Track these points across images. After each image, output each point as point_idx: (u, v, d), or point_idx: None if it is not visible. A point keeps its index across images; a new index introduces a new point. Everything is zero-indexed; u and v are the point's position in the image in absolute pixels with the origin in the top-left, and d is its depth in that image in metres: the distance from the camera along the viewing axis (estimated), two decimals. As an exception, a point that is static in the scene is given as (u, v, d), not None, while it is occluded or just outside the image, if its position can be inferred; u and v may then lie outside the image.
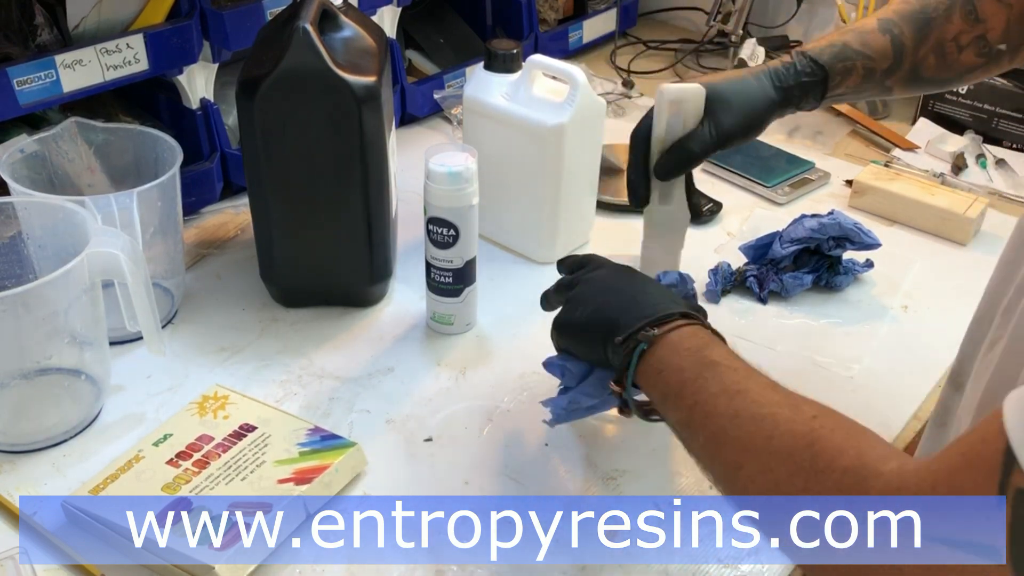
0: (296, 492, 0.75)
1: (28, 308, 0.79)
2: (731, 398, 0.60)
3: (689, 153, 0.82)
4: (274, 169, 0.93)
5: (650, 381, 0.67)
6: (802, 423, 0.55)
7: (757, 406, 0.58)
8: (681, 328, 0.67)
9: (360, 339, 0.98)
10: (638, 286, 0.74)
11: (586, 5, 1.65)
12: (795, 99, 0.86)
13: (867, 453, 0.51)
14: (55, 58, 0.98)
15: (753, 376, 0.62)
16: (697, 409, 0.62)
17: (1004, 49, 0.85)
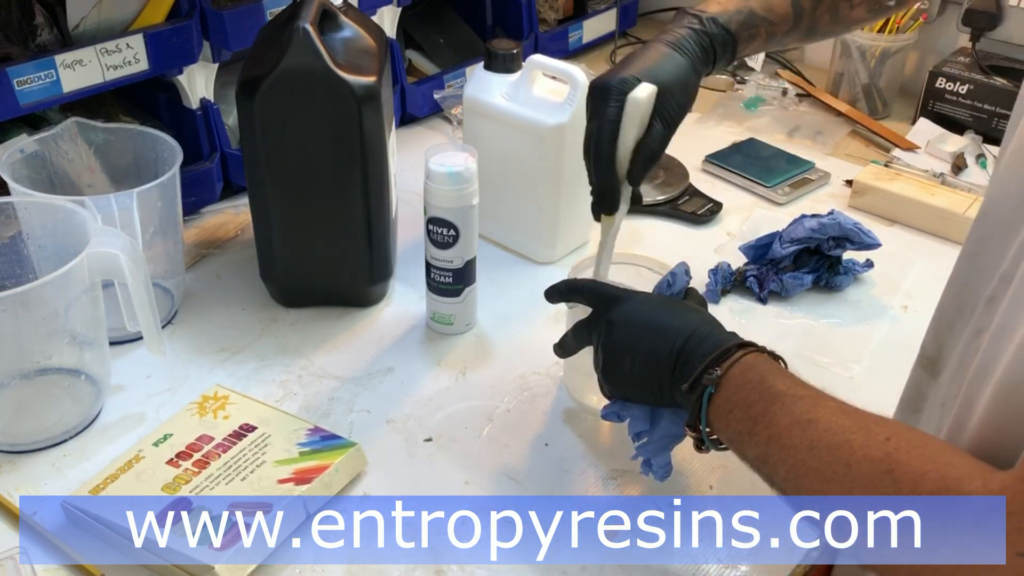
0: (296, 492, 0.75)
1: (28, 308, 0.79)
2: (804, 429, 0.60)
3: (655, 153, 0.82)
4: (274, 169, 0.93)
5: (721, 422, 0.66)
6: (877, 447, 0.55)
7: (831, 434, 0.58)
8: (741, 360, 0.67)
9: (360, 339, 0.98)
10: (680, 319, 0.72)
11: (586, 5, 1.65)
12: (710, 65, 0.87)
13: (949, 474, 0.52)
14: (55, 58, 0.98)
15: (821, 402, 0.62)
16: (772, 444, 0.62)
17: (892, 5, 0.92)
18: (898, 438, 0.56)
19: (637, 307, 0.74)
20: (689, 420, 0.68)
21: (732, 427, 0.65)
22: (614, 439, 0.87)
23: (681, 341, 0.70)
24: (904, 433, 0.57)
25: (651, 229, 1.17)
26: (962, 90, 1.37)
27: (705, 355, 0.68)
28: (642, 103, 0.80)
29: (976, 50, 1.39)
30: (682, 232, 1.17)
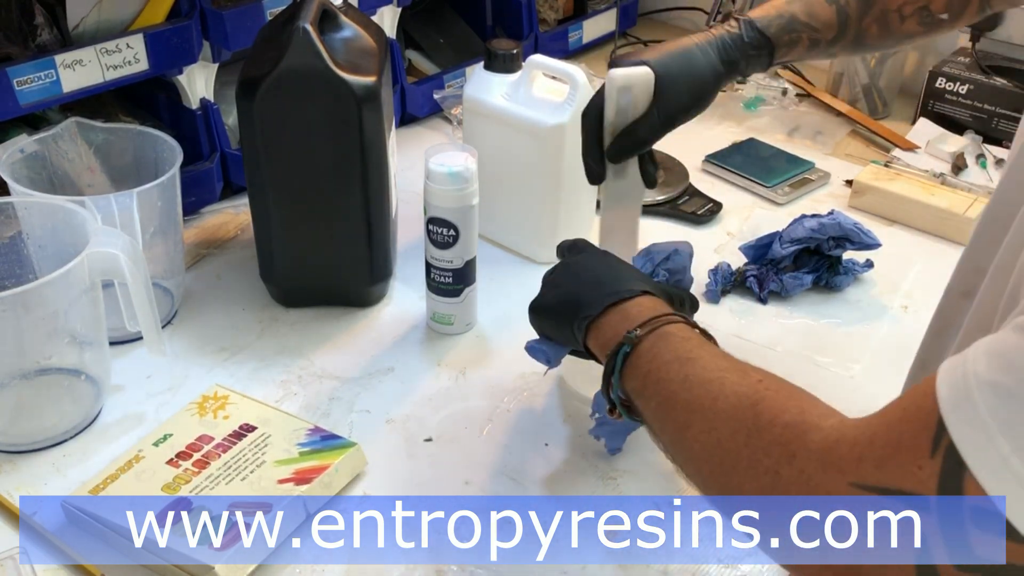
0: (296, 492, 0.75)
1: (28, 308, 0.79)
2: (682, 364, 0.61)
3: (638, 139, 0.83)
4: (274, 169, 0.93)
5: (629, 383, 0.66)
6: (748, 385, 0.57)
7: (706, 371, 0.60)
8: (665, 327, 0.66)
9: (360, 339, 0.98)
10: (605, 266, 0.75)
11: (586, 5, 1.65)
12: (740, 69, 0.86)
13: (808, 411, 0.53)
14: (55, 58, 0.98)
15: (705, 345, 0.64)
16: (651, 376, 0.63)
17: (946, 18, 0.88)
18: (770, 380, 0.57)
19: (584, 256, 0.78)
20: (603, 382, 0.68)
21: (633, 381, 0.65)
22: (614, 439, 0.87)
23: (594, 282, 0.72)
24: (779, 380, 0.58)
25: (651, 229, 1.16)
26: (962, 90, 1.37)
27: (604, 296, 0.70)
28: (616, 81, 0.81)
29: (976, 50, 1.39)
30: (682, 232, 1.17)
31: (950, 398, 0.44)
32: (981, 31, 1.38)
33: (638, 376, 0.64)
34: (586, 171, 0.86)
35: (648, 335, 0.65)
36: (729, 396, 0.57)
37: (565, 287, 0.75)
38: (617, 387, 0.66)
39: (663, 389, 0.62)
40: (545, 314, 0.77)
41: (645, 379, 0.64)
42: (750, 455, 0.53)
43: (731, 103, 1.47)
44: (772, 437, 0.52)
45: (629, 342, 0.65)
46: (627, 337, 0.65)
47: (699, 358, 0.61)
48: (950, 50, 1.45)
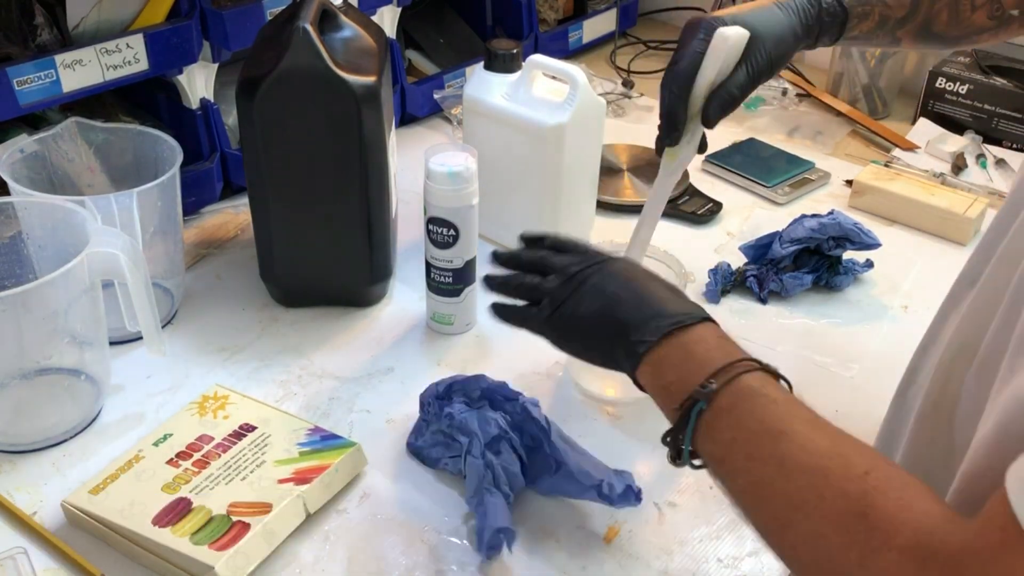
0: (296, 492, 0.75)
1: (28, 308, 0.79)
2: (775, 441, 0.55)
3: (733, 97, 0.80)
4: (274, 169, 0.93)
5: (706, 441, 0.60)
6: (855, 481, 0.51)
7: (806, 454, 0.54)
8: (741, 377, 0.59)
9: (360, 339, 0.98)
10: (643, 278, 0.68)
11: (586, 5, 1.65)
12: (814, 36, 0.85)
13: (924, 524, 0.49)
14: (55, 58, 0.98)
15: (794, 410, 0.57)
16: (737, 447, 0.57)
17: (1016, 15, 0.85)
18: (878, 473, 0.51)
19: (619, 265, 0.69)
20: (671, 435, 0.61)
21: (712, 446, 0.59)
22: (614, 439, 0.87)
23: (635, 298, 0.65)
24: (884, 468, 0.52)
25: (651, 229, 1.17)
26: (962, 90, 1.37)
27: (658, 319, 0.63)
28: (730, 39, 0.78)
29: (976, 50, 1.39)
30: (682, 232, 1.17)
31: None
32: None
33: (720, 442, 0.58)
34: (667, 129, 0.81)
35: (725, 387, 0.58)
36: (836, 498, 0.51)
37: (578, 302, 0.67)
38: (688, 443, 0.59)
39: (755, 469, 0.55)
40: (573, 338, 0.69)
41: (729, 448, 0.57)
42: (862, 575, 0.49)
43: (731, 103, 1.47)
44: (887, 563, 0.49)
45: (704, 398, 0.58)
46: (701, 392, 0.58)
47: (793, 433, 0.55)
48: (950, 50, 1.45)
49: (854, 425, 0.91)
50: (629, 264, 0.70)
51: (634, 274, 0.68)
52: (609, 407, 0.90)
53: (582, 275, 0.68)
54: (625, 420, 0.88)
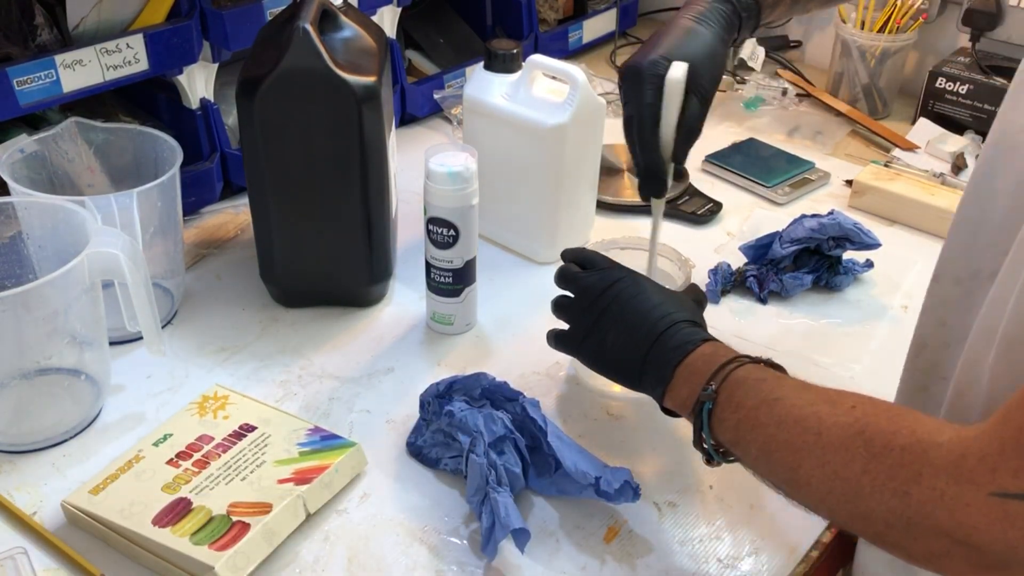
0: (296, 492, 0.75)
1: (28, 308, 0.79)
2: (771, 407, 0.62)
3: (697, 130, 0.83)
4: (274, 169, 0.93)
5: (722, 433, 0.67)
6: (844, 415, 0.58)
7: (797, 408, 0.61)
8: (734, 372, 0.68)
9: (360, 339, 0.98)
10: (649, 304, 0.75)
11: (586, 5, 1.65)
12: (734, 35, 0.87)
13: (918, 429, 0.54)
14: (55, 58, 0.98)
15: (782, 381, 0.65)
16: (743, 425, 0.64)
17: None
18: (864, 405, 0.58)
19: (621, 289, 0.76)
20: (694, 438, 0.69)
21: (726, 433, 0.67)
22: (614, 439, 0.87)
23: (653, 336, 0.72)
24: (868, 401, 0.59)
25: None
26: (962, 90, 1.37)
27: (669, 352, 0.71)
28: (680, 81, 0.81)
29: (976, 50, 1.39)
30: (682, 232, 1.17)
31: None
32: (981, 31, 1.38)
33: (729, 428, 0.65)
34: (653, 183, 0.85)
35: (723, 385, 0.66)
36: (831, 428, 0.58)
37: (617, 338, 0.75)
38: (710, 440, 0.67)
39: (759, 435, 0.63)
40: (601, 369, 0.78)
41: (737, 429, 0.65)
42: (872, 482, 0.54)
43: (731, 103, 1.48)
44: (892, 461, 0.54)
45: (708, 399, 0.66)
46: (703, 395, 0.67)
47: (784, 397, 0.62)
48: (950, 50, 1.45)
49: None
50: (640, 286, 0.76)
51: (641, 298, 0.75)
52: (613, 402, 0.90)
53: (602, 301, 0.76)
54: (625, 420, 0.88)
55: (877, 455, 0.54)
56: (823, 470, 0.57)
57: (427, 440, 0.82)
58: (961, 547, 0.51)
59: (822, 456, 0.57)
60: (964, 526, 0.50)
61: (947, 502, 0.51)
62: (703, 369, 0.68)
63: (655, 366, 0.72)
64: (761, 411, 0.63)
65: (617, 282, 0.77)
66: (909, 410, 0.57)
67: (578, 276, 0.79)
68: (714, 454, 0.68)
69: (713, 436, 0.67)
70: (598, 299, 0.76)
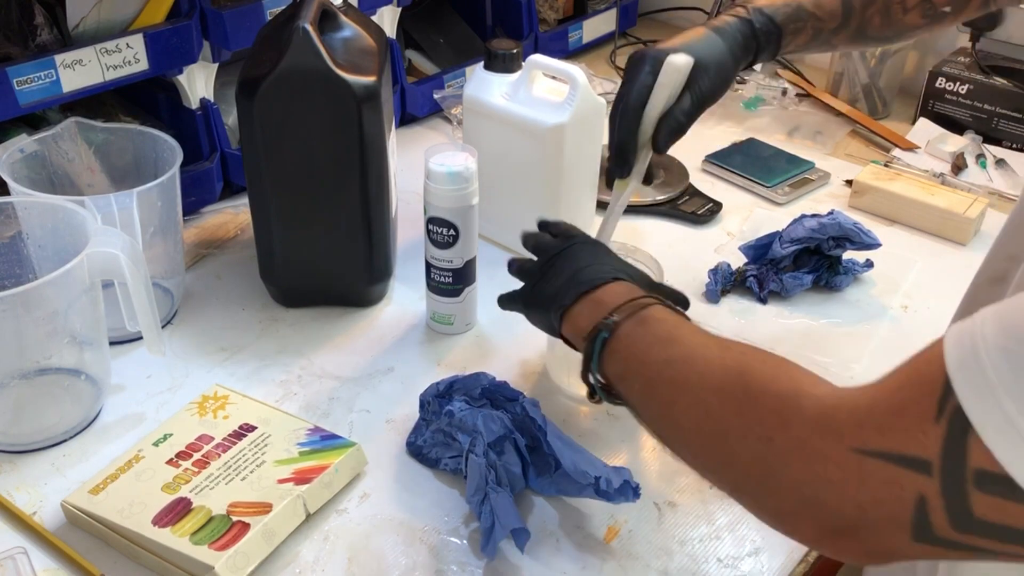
0: (296, 492, 0.75)
1: (28, 308, 0.79)
2: (664, 345, 0.62)
3: (681, 124, 0.83)
4: (274, 169, 0.93)
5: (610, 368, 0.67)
6: (732, 358, 0.58)
7: (689, 348, 0.61)
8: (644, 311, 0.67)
9: (360, 339, 0.98)
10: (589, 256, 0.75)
11: (586, 5, 1.65)
12: (751, 55, 0.87)
13: (799, 379, 0.54)
14: (55, 58, 0.98)
15: (685, 325, 0.65)
16: (632, 360, 0.64)
17: (948, 11, 0.88)
18: (754, 352, 0.58)
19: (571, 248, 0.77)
20: (582, 368, 0.68)
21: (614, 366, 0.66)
22: (614, 439, 0.87)
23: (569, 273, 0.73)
24: (761, 351, 0.59)
25: (651, 229, 1.17)
26: (962, 90, 1.37)
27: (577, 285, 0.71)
28: (679, 67, 0.81)
29: (976, 50, 1.39)
30: (682, 232, 1.17)
31: (957, 362, 0.44)
32: (981, 31, 1.38)
33: (618, 360, 0.65)
34: (617, 161, 0.85)
35: (626, 320, 0.65)
36: (716, 370, 0.57)
37: (545, 279, 0.76)
38: (596, 372, 0.67)
39: (646, 371, 0.62)
40: (524, 306, 0.79)
41: (626, 363, 0.64)
42: (741, 424, 0.54)
43: (731, 103, 1.47)
44: (765, 405, 0.53)
45: (606, 328, 0.65)
46: (603, 323, 0.66)
47: (680, 337, 0.62)
48: (950, 50, 1.45)
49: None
50: (594, 248, 0.77)
51: (588, 254, 0.75)
52: (584, 408, 0.90)
53: (553, 259, 0.76)
54: (624, 420, 0.88)
55: (753, 398, 0.54)
56: (697, 409, 0.57)
57: (427, 440, 0.82)
58: (811, 506, 0.50)
59: (699, 394, 0.57)
60: (818, 479, 0.49)
61: (807, 452, 0.50)
62: (608, 302, 0.68)
63: (562, 295, 0.72)
64: (653, 348, 0.63)
65: (573, 244, 0.77)
66: (797, 364, 0.57)
67: (539, 236, 0.81)
68: (598, 389, 0.67)
69: (601, 369, 0.66)
70: (551, 257, 0.77)
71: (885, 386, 0.49)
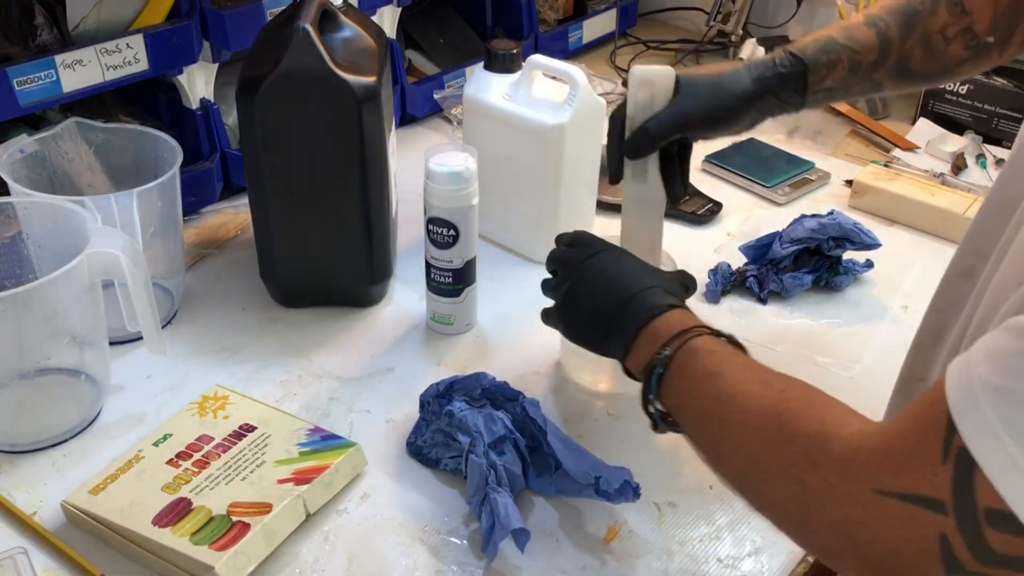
0: (296, 492, 0.75)
1: (28, 308, 0.79)
2: (711, 380, 0.63)
3: (647, 133, 0.83)
4: (274, 169, 0.93)
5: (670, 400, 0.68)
6: (771, 396, 0.59)
7: (733, 384, 0.62)
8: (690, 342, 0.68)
9: (360, 339, 0.98)
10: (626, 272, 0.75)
11: (586, 5, 1.65)
12: (774, 91, 0.85)
13: (829, 419, 0.55)
14: (55, 58, 0.98)
15: (732, 357, 0.65)
16: (684, 394, 0.65)
17: (992, 42, 0.84)
18: (792, 390, 0.59)
19: (600, 260, 0.77)
20: (642, 400, 0.69)
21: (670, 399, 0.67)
22: (614, 439, 0.87)
23: (624, 298, 0.73)
24: (799, 387, 0.60)
25: (651, 229, 1.17)
26: (962, 90, 1.37)
27: (637, 314, 0.71)
28: (635, 75, 0.82)
29: (976, 50, 1.39)
30: (682, 232, 1.17)
31: (958, 403, 0.45)
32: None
33: (674, 395, 0.67)
34: (610, 170, 0.87)
35: (678, 352, 0.66)
36: (754, 409, 0.59)
37: (589, 301, 0.75)
38: (656, 405, 0.68)
39: (696, 406, 0.64)
40: (574, 333, 0.79)
41: (680, 397, 0.66)
42: (778, 466, 0.55)
43: (731, 103, 1.47)
44: (797, 448, 0.54)
45: (660, 363, 0.67)
46: (657, 359, 0.67)
47: (726, 372, 0.63)
48: (950, 50, 1.45)
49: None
50: (615, 254, 0.78)
51: (618, 266, 0.76)
52: (600, 401, 0.90)
53: (580, 269, 0.77)
54: (624, 420, 0.88)
55: (786, 440, 0.55)
56: (741, 450, 0.59)
57: (427, 440, 0.82)
58: (849, 546, 0.51)
59: (742, 434, 0.59)
60: (851, 521, 0.50)
61: (837, 495, 0.51)
62: (664, 334, 0.69)
63: (620, 327, 0.72)
64: (703, 382, 0.64)
65: (598, 253, 0.78)
66: (833, 401, 0.58)
67: (562, 251, 0.81)
68: (659, 420, 0.69)
69: (660, 401, 0.68)
70: (577, 267, 0.77)
71: (897, 428, 0.50)
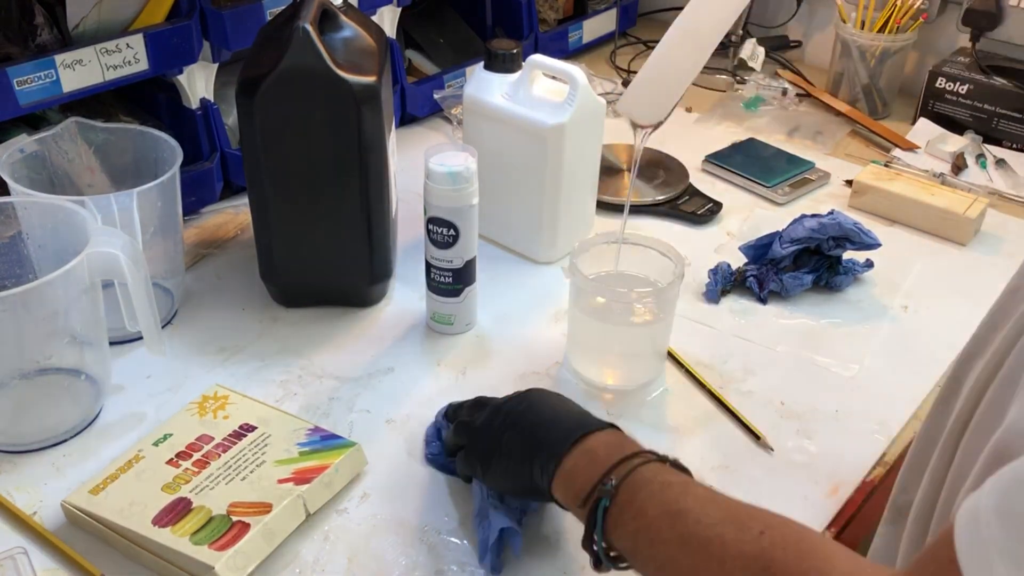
0: (296, 492, 0.75)
1: (28, 308, 0.79)
2: (673, 520, 0.57)
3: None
4: (274, 169, 0.93)
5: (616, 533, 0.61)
6: (751, 543, 0.53)
7: (702, 527, 0.56)
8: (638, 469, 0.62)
9: (360, 339, 0.98)
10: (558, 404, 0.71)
11: (586, 5, 1.65)
12: None
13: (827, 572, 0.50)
14: (55, 58, 0.98)
15: (690, 490, 0.60)
16: (641, 536, 0.59)
17: None
18: (773, 532, 0.54)
19: (530, 403, 0.72)
20: (584, 537, 0.63)
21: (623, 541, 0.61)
22: (614, 439, 0.87)
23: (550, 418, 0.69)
24: (781, 528, 0.54)
25: (651, 229, 1.17)
26: (962, 90, 1.37)
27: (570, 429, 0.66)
28: None
29: (976, 50, 1.39)
30: (682, 232, 1.17)
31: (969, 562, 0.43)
32: (981, 31, 1.38)
33: (626, 536, 0.60)
34: None
35: (623, 483, 0.61)
36: (735, 558, 0.53)
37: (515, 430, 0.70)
38: (602, 543, 0.62)
39: (660, 552, 0.58)
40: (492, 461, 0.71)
41: (635, 539, 0.59)
42: None
43: (731, 103, 1.48)
44: None
45: (606, 495, 0.61)
46: (602, 490, 0.61)
47: (689, 510, 0.57)
48: (950, 50, 1.45)
49: (854, 425, 0.91)
50: (536, 393, 0.73)
51: (541, 404, 0.71)
52: (607, 394, 0.90)
53: (502, 411, 0.72)
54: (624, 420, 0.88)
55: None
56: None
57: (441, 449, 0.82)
58: None
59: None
60: None
61: None
62: (603, 457, 0.63)
63: (547, 446, 0.66)
64: (663, 523, 0.57)
65: (513, 398, 0.73)
66: (822, 541, 0.53)
67: (469, 421, 0.75)
68: (604, 559, 0.62)
69: (606, 539, 0.61)
70: (500, 409, 0.73)
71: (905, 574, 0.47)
